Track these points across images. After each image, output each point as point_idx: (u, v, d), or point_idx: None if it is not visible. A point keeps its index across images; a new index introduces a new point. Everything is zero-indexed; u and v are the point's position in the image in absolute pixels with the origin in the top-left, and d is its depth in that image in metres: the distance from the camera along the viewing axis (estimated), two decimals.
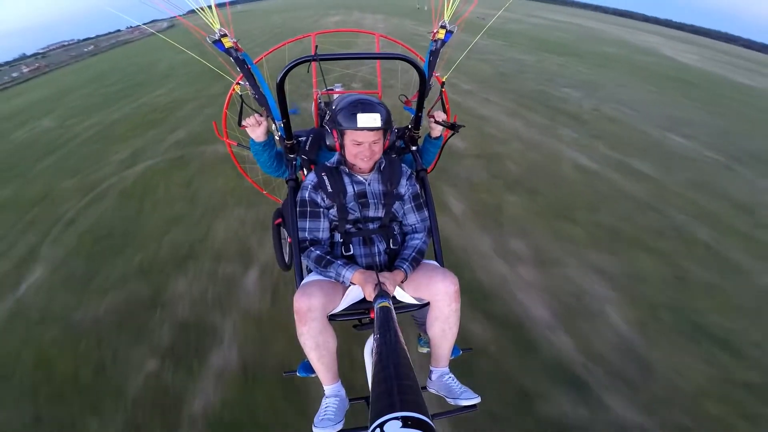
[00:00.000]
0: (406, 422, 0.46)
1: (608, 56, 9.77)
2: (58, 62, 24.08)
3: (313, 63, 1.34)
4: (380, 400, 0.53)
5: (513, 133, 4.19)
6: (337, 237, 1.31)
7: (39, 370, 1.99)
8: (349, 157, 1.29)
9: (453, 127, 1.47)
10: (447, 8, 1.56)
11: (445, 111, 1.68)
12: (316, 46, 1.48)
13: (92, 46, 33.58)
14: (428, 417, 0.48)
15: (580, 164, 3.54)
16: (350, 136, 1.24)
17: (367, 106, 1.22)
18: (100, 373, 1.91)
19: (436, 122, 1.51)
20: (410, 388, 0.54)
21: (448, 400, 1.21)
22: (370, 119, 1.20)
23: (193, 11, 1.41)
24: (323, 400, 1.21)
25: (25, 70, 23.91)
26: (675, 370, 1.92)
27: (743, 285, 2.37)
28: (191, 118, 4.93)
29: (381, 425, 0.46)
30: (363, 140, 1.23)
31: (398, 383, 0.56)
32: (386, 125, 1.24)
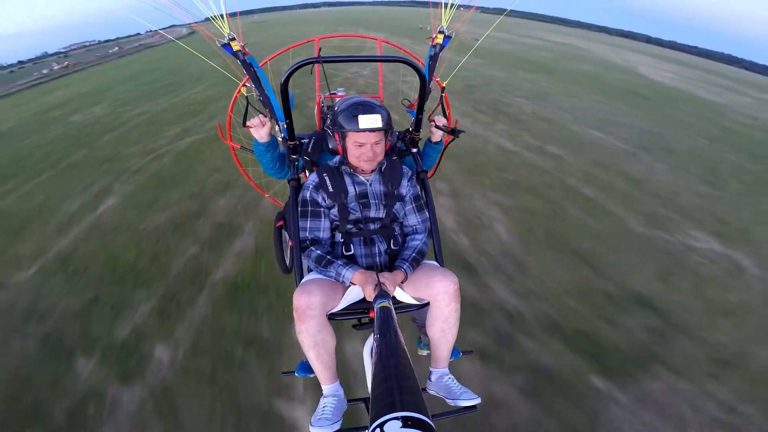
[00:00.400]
0: (406, 422, 0.47)
1: (578, 73, 10.88)
2: (86, 62, 25.81)
3: (316, 66, 1.45)
4: (380, 400, 0.53)
5: (459, 126, 5.42)
6: (338, 237, 1.34)
7: (107, 264, 2.77)
8: (352, 159, 1.32)
9: (453, 132, 1.52)
10: (445, 14, 1.64)
11: (445, 116, 1.72)
12: (320, 50, 1.52)
13: (117, 48, 35.42)
14: (428, 417, 0.49)
15: (502, 146, 4.64)
16: (352, 138, 1.27)
17: (368, 108, 1.26)
18: (154, 261, 2.73)
19: (437, 127, 1.56)
20: (410, 388, 0.55)
21: (447, 401, 1.23)
22: (371, 120, 1.24)
23: (208, 19, 1.50)
24: (321, 400, 1.22)
25: (56, 67, 25.73)
26: (545, 272, 2.62)
27: (611, 225, 3.29)
28: (225, 110, 6.20)
29: (381, 425, 0.48)
30: (365, 141, 1.26)
31: (398, 383, 0.57)
32: (387, 126, 1.28)
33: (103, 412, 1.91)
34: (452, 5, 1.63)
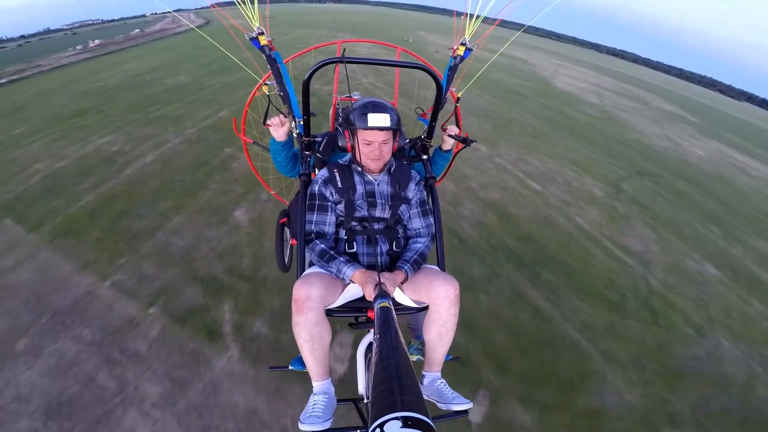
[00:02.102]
0: (406, 422, 0.50)
1: (486, 78, 15.44)
2: (118, 42, 29.28)
3: (336, 68, 1.63)
4: (381, 400, 0.57)
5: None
6: (342, 234, 1.44)
7: (228, 129, 7.51)
8: (360, 157, 1.44)
9: (465, 142, 1.66)
10: (468, 27, 1.74)
11: (458, 126, 1.85)
12: (344, 49, 1.55)
13: (138, 30, 38.52)
14: (428, 417, 0.52)
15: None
16: (361, 136, 1.40)
17: (378, 107, 1.39)
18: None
19: (449, 136, 1.69)
20: (411, 388, 0.59)
21: (439, 405, 1.30)
22: (380, 119, 1.35)
23: (226, 4, 1.28)
24: (311, 397, 1.28)
25: (91, 44, 29.09)
26: None
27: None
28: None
29: (381, 425, 0.50)
30: (373, 139, 1.39)
31: (399, 383, 0.60)
32: (395, 126, 1.40)
33: (240, 159, 6.39)
34: (478, 17, 1.70)
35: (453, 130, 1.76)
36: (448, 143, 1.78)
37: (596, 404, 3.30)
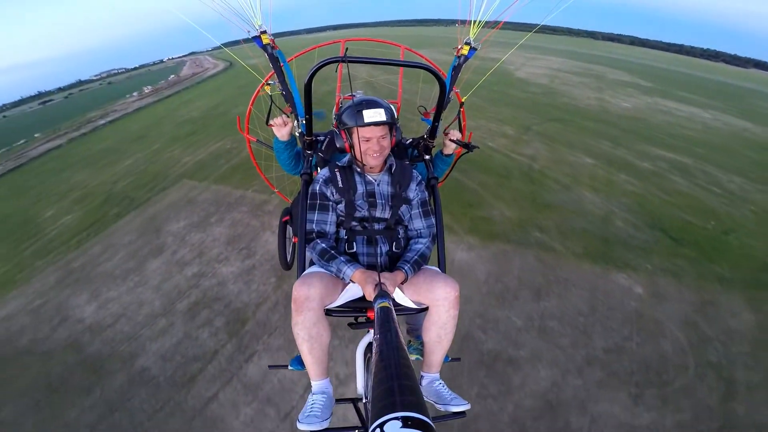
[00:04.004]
0: (406, 422, 0.51)
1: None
2: (165, 87, 32.56)
3: (340, 67, 1.57)
4: (381, 400, 0.57)
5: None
6: (342, 234, 1.47)
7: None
8: (359, 155, 1.45)
9: (467, 146, 1.63)
10: (473, 27, 1.75)
11: (461, 130, 1.82)
12: (347, 49, 1.63)
13: (173, 76, 43.61)
14: (428, 417, 0.53)
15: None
16: (358, 134, 1.40)
17: (371, 103, 1.39)
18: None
19: (451, 140, 1.65)
20: (410, 388, 0.60)
21: (437, 406, 1.33)
22: (375, 114, 1.36)
23: (248, 40, 1.61)
24: (309, 397, 1.31)
25: (146, 90, 33.61)
26: None
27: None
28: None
29: (381, 425, 0.51)
30: (371, 136, 1.40)
31: (399, 383, 0.61)
32: (391, 120, 1.40)
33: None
34: (480, 20, 1.72)
35: (455, 134, 1.81)
36: (450, 148, 1.84)
37: (486, 215, 5.35)
